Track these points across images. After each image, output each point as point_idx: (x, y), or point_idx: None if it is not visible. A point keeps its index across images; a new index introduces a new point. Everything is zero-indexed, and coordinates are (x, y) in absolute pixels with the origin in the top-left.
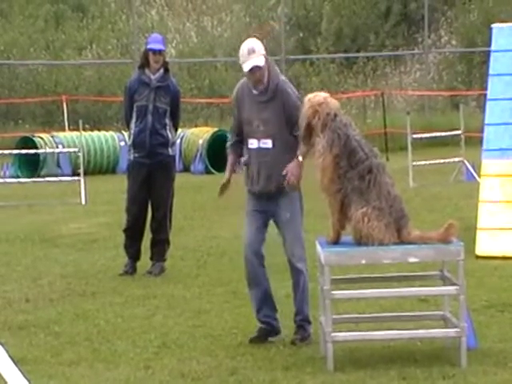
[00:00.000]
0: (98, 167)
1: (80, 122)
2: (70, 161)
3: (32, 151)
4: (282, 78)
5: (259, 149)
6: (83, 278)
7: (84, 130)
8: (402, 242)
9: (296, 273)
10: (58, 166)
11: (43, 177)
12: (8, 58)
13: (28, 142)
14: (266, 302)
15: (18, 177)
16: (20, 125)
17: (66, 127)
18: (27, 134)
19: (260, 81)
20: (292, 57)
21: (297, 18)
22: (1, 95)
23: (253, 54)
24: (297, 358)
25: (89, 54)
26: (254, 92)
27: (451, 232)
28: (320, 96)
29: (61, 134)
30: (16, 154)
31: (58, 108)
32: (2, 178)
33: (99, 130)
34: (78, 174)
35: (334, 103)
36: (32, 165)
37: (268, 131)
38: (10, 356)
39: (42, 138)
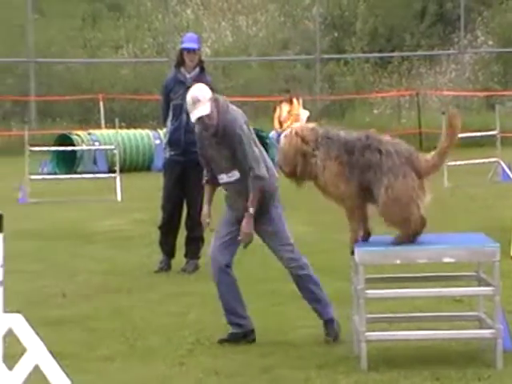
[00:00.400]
0: (133, 165)
1: (116, 120)
2: (106, 158)
3: (69, 148)
4: (230, 114)
5: (229, 182)
6: (119, 274)
7: (120, 127)
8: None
9: (296, 279)
10: (95, 163)
11: (80, 173)
12: (46, 57)
13: (65, 140)
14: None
15: (55, 173)
16: (58, 122)
17: (103, 125)
18: (65, 132)
19: (210, 126)
20: (326, 56)
21: (332, 17)
22: (39, 93)
23: (198, 103)
24: (330, 357)
25: (125, 52)
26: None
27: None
28: (292, 128)
29: (97, 132)
30: (54, 151)
31: (95, 106)
32: (40, 174)
33: (135, 128)
34: (114, 171)
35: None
36: (69, 162)
37: (232, 164)
38: (48, 351)
39: (79, 136)
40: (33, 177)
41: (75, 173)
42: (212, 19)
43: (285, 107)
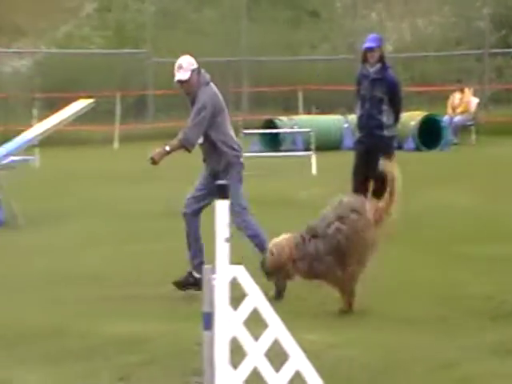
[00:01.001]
0: (326, 144)
1: (313, 107)
2: (303, 139)
3: (274, 131)
4: (205, 89)
5: (201, 143)
6: None
7: (315, 113)
8: None
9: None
10: (294, 143)
11: (282, 152)
12: (256, 55)
13: (271, 124)
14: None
15: (262, 151)
16: (265, 109)
17: (301, 111)
18: (270, 117)
19: (188, 91)
20: (495, 50)
21: (500, 16)
22: (250, 84)
23: (181, 69)
24: (501, 310)
25: (320, 51)
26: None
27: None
28: (276, 241)
29: (296, 117)
30: (261, 133)
31: (295, 95)
32: (250, 152)
33: (327, 113)
34: (310, 150)
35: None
36: (274, 142)
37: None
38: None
39: (281, 120)
40: (245, 154)
41: (278, 151)
42: (394, 21)
43: (457, 95)
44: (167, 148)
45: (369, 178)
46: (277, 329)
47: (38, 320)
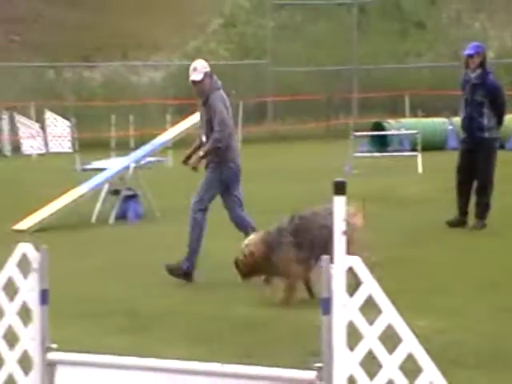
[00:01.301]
0: (431, 145)
1: (419, 110)
2: (410, 140)
3: (382, 133)
4: (218, 90)
5: (202, 141)
6: (423, 229)
7: (421, 116)
8: None
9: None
10: (401, 144)
11: (390, 152)
12: (366, 64)
13: (379, 126)
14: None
15: (371, 152)
16: (373, 113)
17: (407, 114)
18: (378, 120)
19: (200, 92)
20: None
21: None
22: (360, 92)
23: (195, 71)
24: None
25: (426, 59)
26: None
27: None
28: (249, 241)
29: (403, 120)
30: (370, 135)
31: (401, 100)
32: (359, 152)
33: (432, 116)
34: (416, 150)
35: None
36: (381, 143)
37: (206, 129)
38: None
39: (389, 123)
40: (355, 154)
41: (386, 151)
42: (496, 30)
43: None
44: (201, 153)
45: (472, 176)
46: (390, 314)
47: (166, 304)
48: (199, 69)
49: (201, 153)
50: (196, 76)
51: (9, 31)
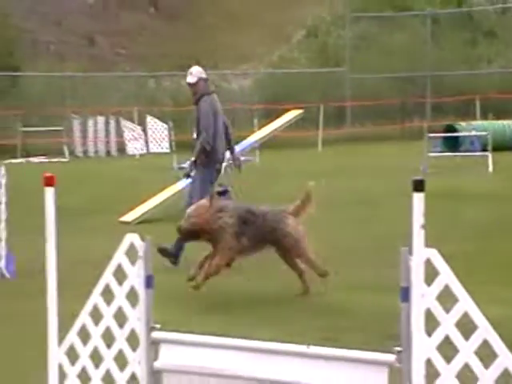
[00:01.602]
0: (501, 146)
1: (489, 114)
2: (480, 141)
3: (455, 134)
4: (208, 95)
5: (194, 139)
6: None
7: (491, 119)
8: None
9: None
10: (472, 144)
11: (462, 152)
12: (438, 70)
13: (451, 128)
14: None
15: (443, 152)
16: (446, 116)
17: (478, 117)
18: (451, 123)
19: (193, 93)
20: None
21: None
22: (432, 96)
23: (190, 74)
24: None
25: (496, 65)
26: None
27: None
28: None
29: (474, 123)
30: (443, 137)
31: (473, 104)
32: (432, 152)
33: (503, 119)
34: (487, 151)
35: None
36: (454, 144)
37: (197, 128)
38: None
39: (461, 125)
40: (430, 154)
41: (458, 152)
42: None
43: None
44: (192, 158)
45: None
46: (466, 303)
47: (253, 292)
48: (194, 73)
49: (192, 158)
50: (191, 79)
51: (115, 44)
